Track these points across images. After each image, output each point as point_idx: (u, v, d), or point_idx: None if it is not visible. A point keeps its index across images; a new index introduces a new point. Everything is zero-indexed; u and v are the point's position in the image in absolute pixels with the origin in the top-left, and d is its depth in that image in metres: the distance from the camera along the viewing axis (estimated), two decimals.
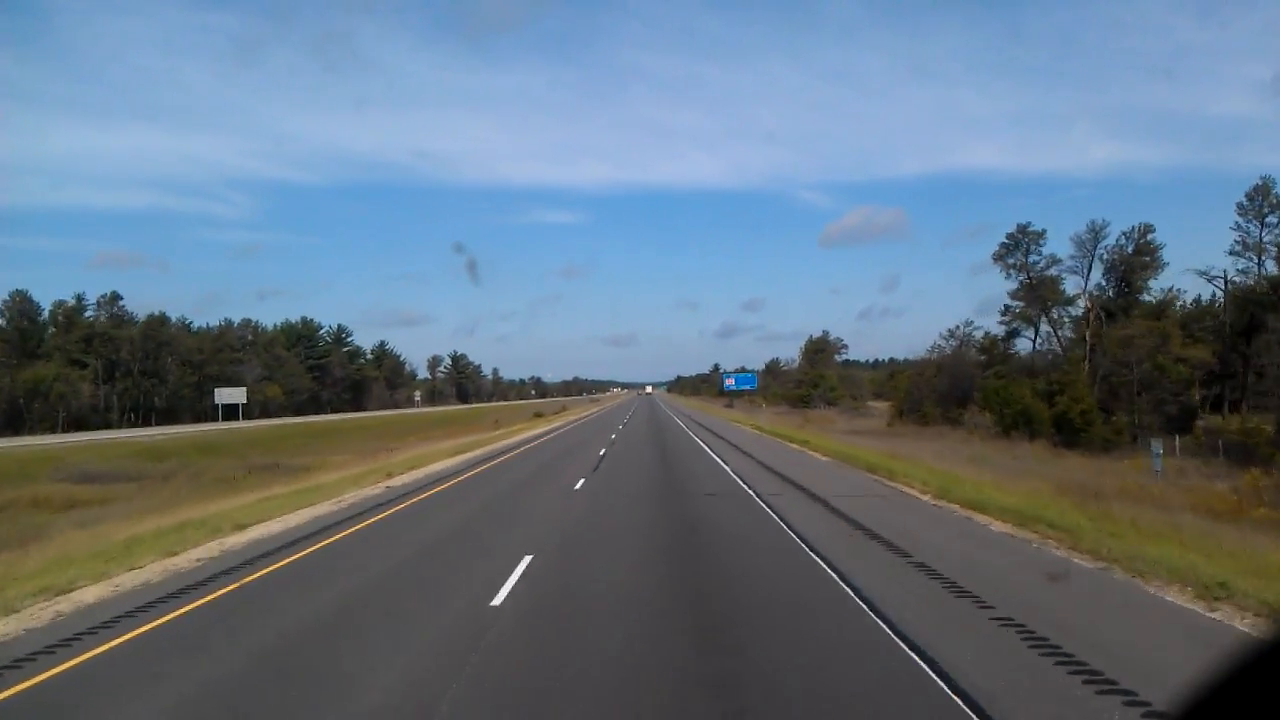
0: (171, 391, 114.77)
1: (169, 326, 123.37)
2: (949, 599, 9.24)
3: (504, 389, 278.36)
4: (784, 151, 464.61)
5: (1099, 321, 55.34)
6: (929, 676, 6.57)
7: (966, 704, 5.96)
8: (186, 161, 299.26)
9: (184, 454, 58.90)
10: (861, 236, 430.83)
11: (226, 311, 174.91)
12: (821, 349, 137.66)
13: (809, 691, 6.40)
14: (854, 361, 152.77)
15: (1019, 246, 59.87)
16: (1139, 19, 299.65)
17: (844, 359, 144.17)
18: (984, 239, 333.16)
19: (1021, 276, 60.10)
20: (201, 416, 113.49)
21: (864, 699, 6.27)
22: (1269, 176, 56.65)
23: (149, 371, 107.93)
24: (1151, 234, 59.59)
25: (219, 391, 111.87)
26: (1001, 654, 7.17)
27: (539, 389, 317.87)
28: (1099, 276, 59.63)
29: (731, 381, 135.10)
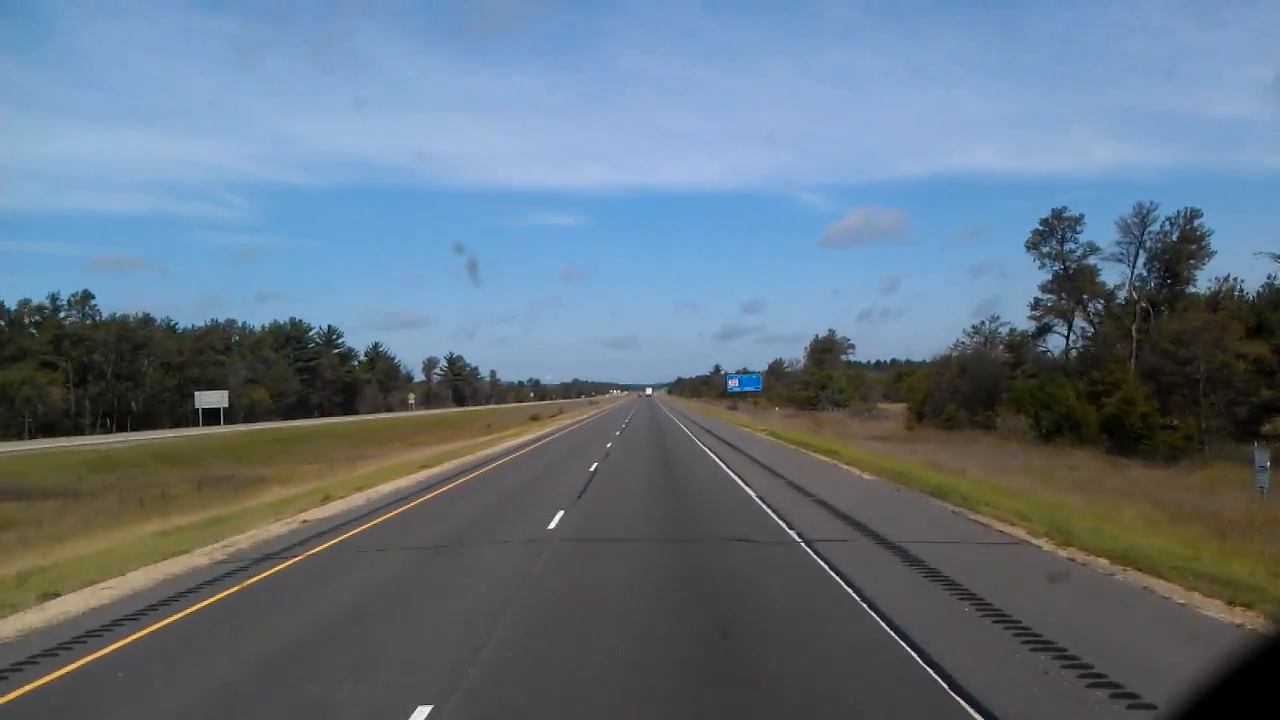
0: (150, 395, 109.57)
1: (151, 327, 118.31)
2: None
3: (502, 391, 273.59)
4: (784, 153, 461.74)
5: (1145, 314, 50.14)
6: None
7: None
8: (186, 165, 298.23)
9: (140, 464, 53.74)
10: (861, 238, 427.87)
11: (226, 314, 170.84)
12: (828, 349, 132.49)
13: None
14: (855, 363, 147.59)
15: (1054, 233, 54.63)
16: (1139, 20, 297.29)
17: (847, 360, 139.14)
18: (984, 240, 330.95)
19: (1056, 266, 54.88)
20: (181, 421, 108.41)
21: None
22: None
23: (123, 374, 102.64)
24: (1199, 219, 54.35)
25: (199, 395, 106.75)
26: None
27: (538, 391, 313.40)
28: (1139, 266, 54.39)
29: (735, 383, 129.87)
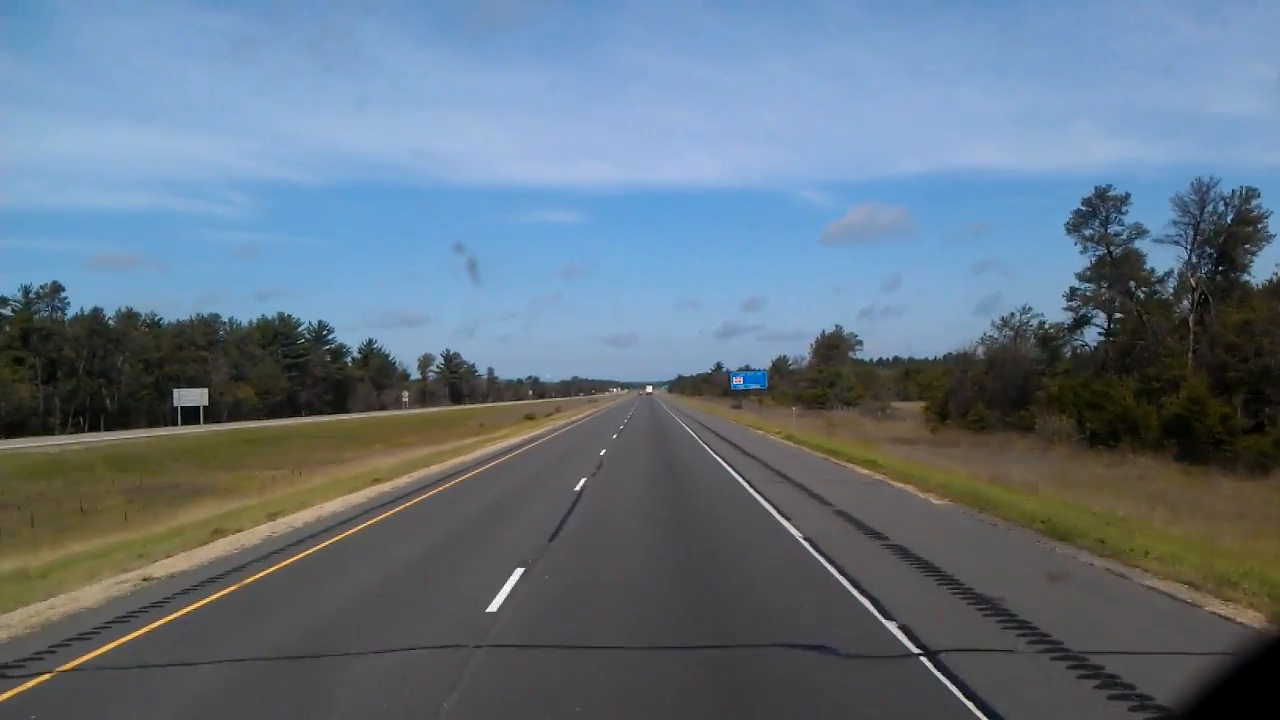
0: (126, 393, 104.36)
1: (127, 321, 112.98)
2: None
3: (500, 389, 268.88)
4: (784, 151, 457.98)
5: (1202, 304, 44.88)
6: None
7: None
8: (186, 162, 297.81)
9: (89, 469, 48.62)
10: (863, 235, 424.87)
11: (230, 312, 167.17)
12: (835, 345, 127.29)
13: None
14: (858, 360, 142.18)
15: (1097, 214, 49.26)
16: (1139, 18, 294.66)
17: (855, 357, 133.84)
18: (986, 237, 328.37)
19: (1099, 250, 49.53)
20: (159, 420, 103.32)
21: None
22: None
23: (96, 371, 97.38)
24: (1256, 199, 49.02)
25: (178, 393, 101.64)
26: None
27: (537, 389, 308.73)
28: (1183, 253, 48.93)
29: (740, 380, 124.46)
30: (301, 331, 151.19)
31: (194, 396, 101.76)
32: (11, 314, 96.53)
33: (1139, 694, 6.27)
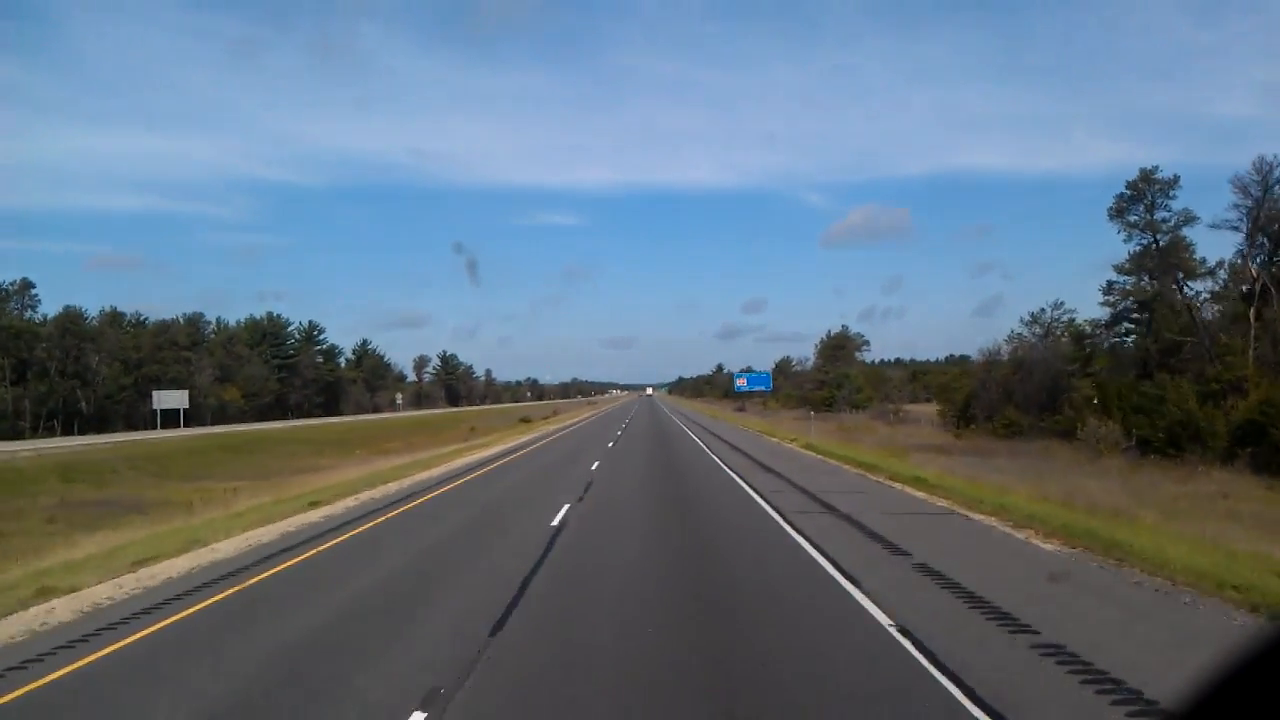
0: (104, 395, 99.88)
1: (120, 320, 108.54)
2: None
3: (498, 391, 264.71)
4: (784, 153, 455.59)
5: (1260, 295, 40.40)
6: None
7: None
8: (187, 163, 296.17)
9: (35, 479, 44.13)
10: (864, 237, 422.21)
11: (229, 315, 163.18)
12: (841, 346, 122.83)
13: None
14: (862, 362, 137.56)
15: (1142, 199, 44.72)
16: (1140, 21, 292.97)
17: (861, 358, 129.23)
18: (986, 239, 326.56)
19: (1145, 238, 45.02)
20: (138, 423, 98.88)
21: None
22: None
23: (70, 372, 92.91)
24: None
25: (157, 395, 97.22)
26: None
27: (535, 391, 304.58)
28: (1242, 239, 44.39)
29: (743, 382, 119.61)
30: (291, 331, 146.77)
31: (174, 399, 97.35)
32: None
33: None
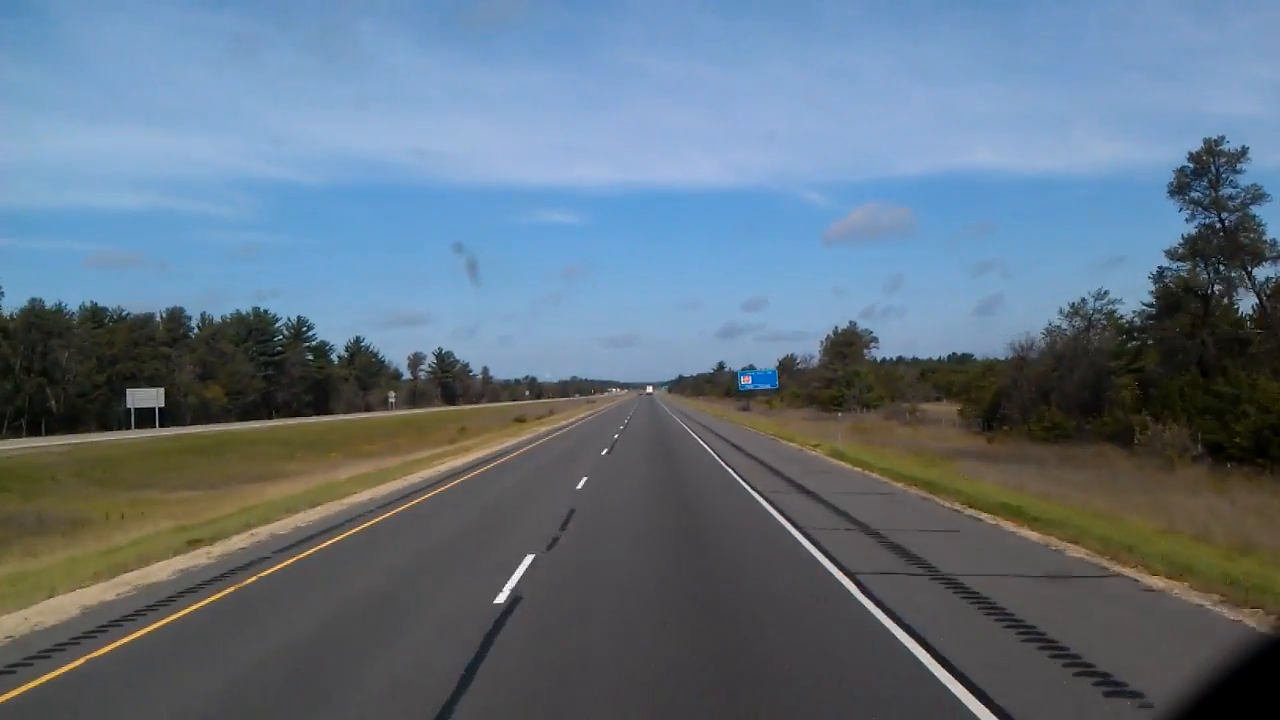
0: (75, 393, 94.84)
1: (101, 316, 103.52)
2: None
3: (495, 390, 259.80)
4: (785, 152, 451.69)
5: None
6: None
7: None
8: (187, 162, 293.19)
9: None
10: (864, 235, 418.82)
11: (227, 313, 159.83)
12: (850, 343, 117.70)
13: None
14: (871, 359, 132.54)
15: (1205, 172, 39.79)
16: (1140, 20, 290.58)
17: (871, 356, 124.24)
18: (988, 238, 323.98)
19: (1209, 216, 40.03)
20: (111, 424, 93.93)
21: None
22: None
23: (37, 369, 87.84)
24: None
25: (131, 393, 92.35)
26: None
27: (534, 389, 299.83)
28: None
29: (748, 380, 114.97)
30: (280, 328, 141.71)
31: (148, 397, 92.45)
32: None
33: None
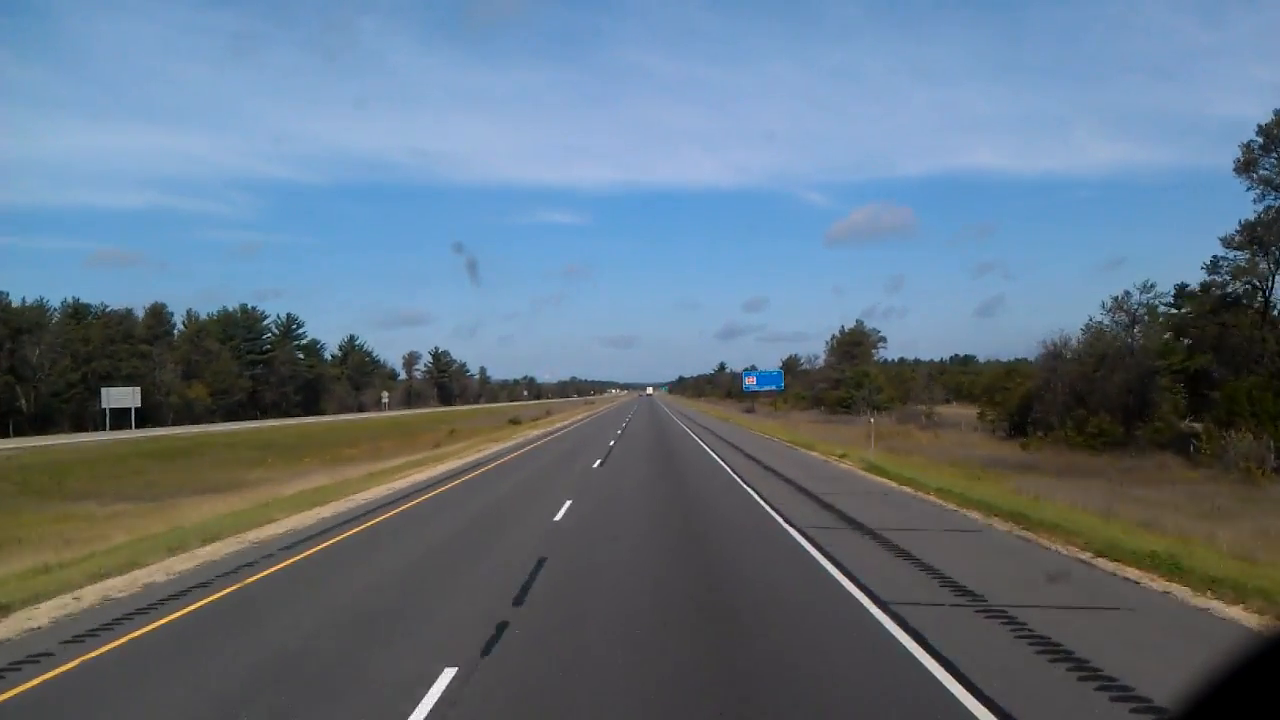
0: (49, 392, 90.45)
1: (85, 312, 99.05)
2: None
3: (493, 390, 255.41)
4: (785, 152, 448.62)
5: None
6: None
7: None
8: (187, 161, 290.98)
9: None
10: (865, 236, 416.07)
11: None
12: (857, 342, 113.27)
13: None
14: (876, 360, 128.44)
15: (1276, 147, 35.40)
16: (1141, 21, 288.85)
17: (880, 356, 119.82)
18: (989, 238, 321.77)
19: (1274, 199, 35.66)
20: (86, 424, 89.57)
21: None
22: None
23: (4, 367, 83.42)
24: None
25: (106, 393, 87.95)
26: None
27: (532, 389, 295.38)
28: None
29: (752, 380, 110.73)
30: (268, 325, 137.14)
31: (124, 396, 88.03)
32: None
33: None
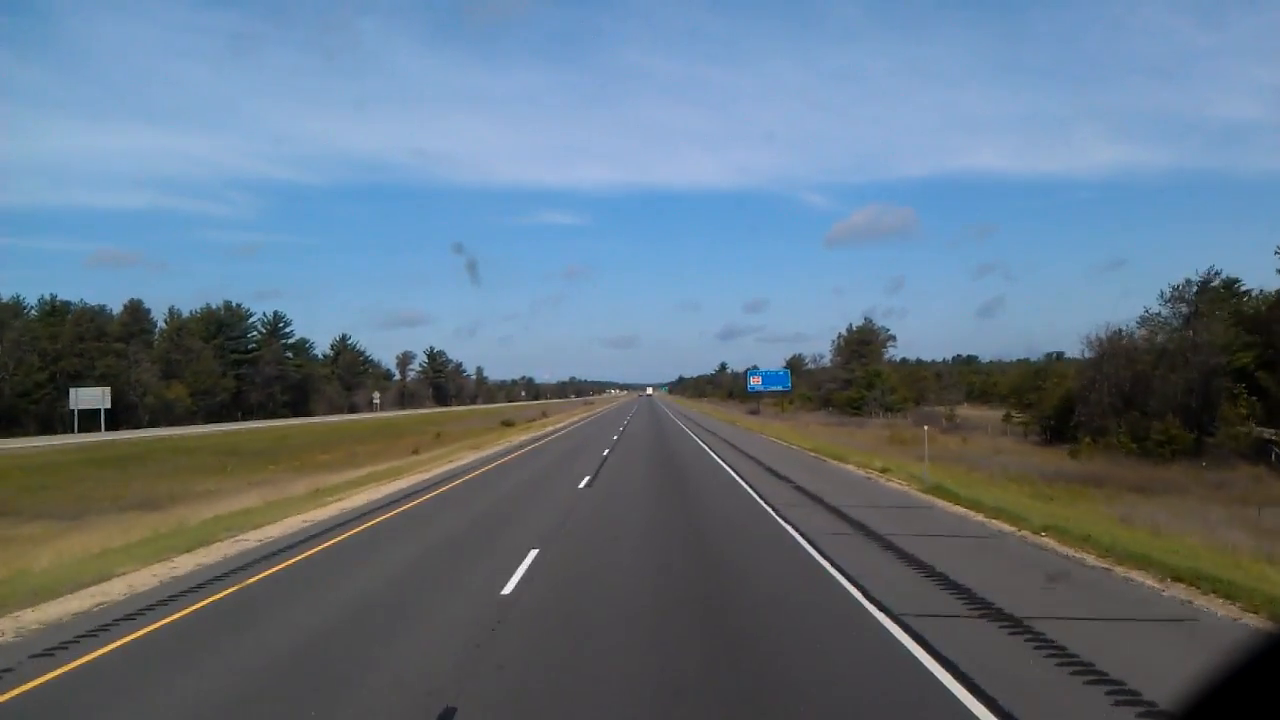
0: (16, 392, 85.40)
1: (67, 310, 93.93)
2: None
3: (490, 390, 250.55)
4: (786, 153, 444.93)
5: None
6: None
7: None
8: (187, 161, 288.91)
9: None
10: (866, 237, 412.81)
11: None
12: (866, 341, 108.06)
13: None
14: (886, 359, 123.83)
15: None
16: (1142, 22, 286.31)
17: (890, 356, 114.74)
18: (990, 239, 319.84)
19: None
20: (54, 426, 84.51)
21: None
22: None
23: None
24: None
25: (74, 393, 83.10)
26: None
27: (530, 390, 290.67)
28: None
29: (758, 381, 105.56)
30: (254, 323, 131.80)
31: (93, 397, 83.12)
32: None
33: None
